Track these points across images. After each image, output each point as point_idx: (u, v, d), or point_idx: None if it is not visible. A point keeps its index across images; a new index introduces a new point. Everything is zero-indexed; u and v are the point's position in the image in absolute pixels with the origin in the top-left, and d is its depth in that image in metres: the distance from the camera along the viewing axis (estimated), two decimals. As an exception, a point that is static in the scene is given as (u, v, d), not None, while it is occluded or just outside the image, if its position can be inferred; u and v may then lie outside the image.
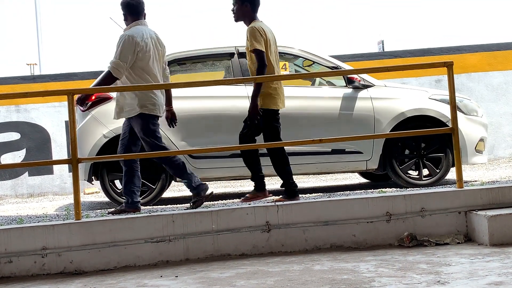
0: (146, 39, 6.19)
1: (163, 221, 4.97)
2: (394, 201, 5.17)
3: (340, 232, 5.10)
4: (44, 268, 4.80)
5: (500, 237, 4.84)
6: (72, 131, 5.23)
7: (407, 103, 7.58)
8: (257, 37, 5.97)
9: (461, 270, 4.11)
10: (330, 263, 4.55)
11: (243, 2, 6.13)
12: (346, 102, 7.54)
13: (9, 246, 4.80)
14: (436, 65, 5.86)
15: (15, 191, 11.12)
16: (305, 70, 8.02)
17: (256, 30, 6.00)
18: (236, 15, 6.21)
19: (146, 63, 6.17)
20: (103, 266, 4.86)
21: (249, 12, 6.14)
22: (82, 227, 4.91)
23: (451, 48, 12.15)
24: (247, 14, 6.15)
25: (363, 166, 7.54)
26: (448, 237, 5.08)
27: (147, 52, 6.18)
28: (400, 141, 7.52)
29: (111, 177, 7.33)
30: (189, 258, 4.95)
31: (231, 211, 5.07)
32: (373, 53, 12.64)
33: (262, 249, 5.02)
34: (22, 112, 11.24)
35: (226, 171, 7.46)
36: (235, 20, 6.26)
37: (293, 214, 5.09)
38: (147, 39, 6.21)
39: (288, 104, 7.49)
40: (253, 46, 5.96)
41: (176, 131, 7.24)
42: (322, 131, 7.29)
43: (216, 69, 8.45)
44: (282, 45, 7.85)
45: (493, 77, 12.12)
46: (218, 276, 4.33)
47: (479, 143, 7.74)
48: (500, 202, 5.19)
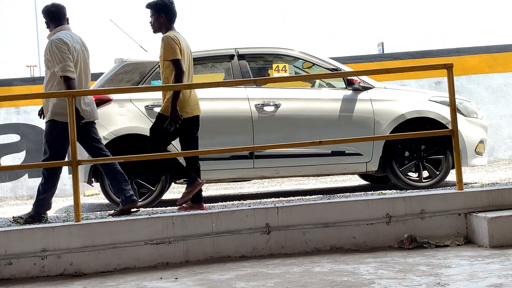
0: (74, 43, 6.21)
1: (163, 223, 4.97)
2: (394, 203, 5.17)
3: (340, 234, 5.10)
4: (44, 270, 4.79)
5: (500, 239, 4.83)
6: (72, 133, 5.23)
7: (407, 105, 7.58)
8: (172, 46, 6.13)
9: (461, 272, 4.10)
10: (330, 265, 4.55)
11: (159, 14, 6.32)
12: (346, 104, 7.54)
13: (9, 248, 4.80)
14: (436, 67, 5.86)
15: (15, 193, 11.11)
16: (305, 72, 8.02)
17: (171, 39, 6.17)
18: (153, 27, 6.40)
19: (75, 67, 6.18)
20: (103, 268, 4.85)
21: (165, 23, 6.34)
22: (82, 229, 4.91)
23: (451, 50, 12.16)
24: (164, 25, 6.34)
25: (363, 168, 7.54)
26: (448, 239, 5.08)
27: (76, 56, 6.18)
28: (400, 143, 7.52)
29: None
30: (189, 260, 4.94)
31: (231, 213, 5.07)
32: (373, 55, 12.66)
33: (262, 251, 5.02)
34: (22, 114, 11.24)
35: (226, 173, 7.46)
36: (153, 32, 6.45)
37: (293, 216, 5.09)
38: (75, 43, 6.22)
39: (288, 105, 7.52)
40: (169, 57, 6.13)
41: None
42: (322, 133, 7.29)
43: (216, 71, 8.45)
44: (282, 47, 7.87)
45: (493, 79, 12.12)
46: (218, 278, 4.33)
47: (479, 145, 7.74)
48: (500, 204, 5.19)
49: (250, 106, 7.43)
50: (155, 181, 7.32)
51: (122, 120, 7.34)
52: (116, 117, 7.35)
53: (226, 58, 7.82)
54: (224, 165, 7.38)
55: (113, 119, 7.33)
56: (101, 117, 7.34)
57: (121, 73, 7.55)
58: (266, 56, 7.98)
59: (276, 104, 7.46)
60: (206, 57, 7.86)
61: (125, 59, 7.63)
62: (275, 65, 7.93)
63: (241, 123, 7.41)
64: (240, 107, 7.43)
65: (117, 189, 6.25)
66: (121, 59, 7.72)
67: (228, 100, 7.48)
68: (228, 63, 7.81)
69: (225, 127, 7.41)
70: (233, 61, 7.73)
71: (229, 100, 7.48)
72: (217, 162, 7.35)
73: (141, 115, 7.34)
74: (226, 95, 7.49)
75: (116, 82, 7.48)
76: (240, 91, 7.51)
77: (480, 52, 12.20)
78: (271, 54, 7.92)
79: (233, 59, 7.74)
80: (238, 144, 7.10)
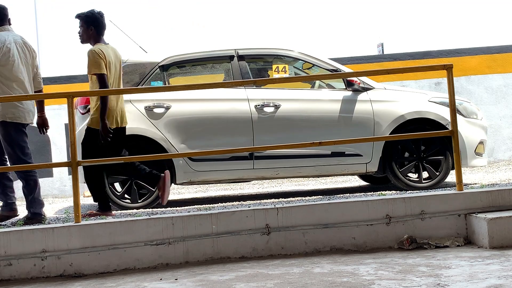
0: (8, 44, 6.11)
1: (162, 224, 4.97)
2: (394, 204, 5.17)
3: (340, 234, 5.10)
4: (44, 271, 4.79)
5: (500, 240, 4.84)
6: (72, 133, 5.22)
7: (407, 106, 7.58)
8: (96, 60, 6.22)
9: (461, 272, 4.10)
10: (330, 265, 4.55)
11: (88, 25, 6.43)
12: (345, 104, 7.54)
13: (9, 249, 4.80)
14: (435, 67, 5.86)
15: (15, 194, 11.09)
16: (304, 73, 8.02)
17: (96, 54, 6.25)
18: (82, 38, 6.51)
19: (10, 69, 6.09)
20: (103, 269, 4.85)
21: (94, 35, 6.45)
22: (82, 229, 4.91)
23: (451, 50, 12.16)
24: (93, 37, 6.45)
25: (363, 169, 7.54)
26: (448, 239, 5.08)
27: (11, 57, 6.09)
28: (400, 143, 7.52)
29: (110, 180, 7.33)
30: (189, 261, 4.94)
31: (231, 214, 5.07)
32: (373, 56, 12.65)
33: (262, 252, 5.02)
34: (21, 115, 11.22)
35: (225, 174, 7.46)
36: (81, 42, 6.54)
37: (292, 216, 5.09)
38: (10, 44, 6.12)
39: (288, 106, 7.52)
40: (92, 71, 6.23)
41: (175, 134, 7.25)
42: (321, 133, 7.29)
43: (216, 72, 8.46)
44: (282, 48, 7.87)
45: (493, 79, 12.12)
46: (218, 279, 4.33)
47: (479, 145, 7.74)
48: (500, 204, 5.19)
49: (250, 107, 7.43)
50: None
51: (122, 121, 7.33)
52: (116, 118, 7.34)
53: (225, 59, 7.82)
54: (224, 166, 7.38)
55: (113, 120, 7.32)
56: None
57: (121, 74, 7.55)
58: (266, 57, 7.98)
59: (276, 105, 7.46)
60: (206, 58, 7.86)
61: (125, 60, 7.63)
62: (275, 66, 7.93)
63: (241, 124, 7.41)
64: (240, 108, 7.44)
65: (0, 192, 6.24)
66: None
67: (228, 101, 7.49)
68: (228, 64, 7.82)
69: (225, 128, 7.41)
70: (233, 62, 7.73)
71: (229, 101, 7.49)
72: (217, 163, 7.35)
73: (141, 116, 7.34)
74: (226, 96, 7.49)
75: (116, 83, 7.48)
76: (240, 92, 7.51)
77: (480, 53, 12.20)
78: (270, 55, 7.92)
79: (232, 60, 7.74)
80: (238, 145, 7.10)
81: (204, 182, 7.55)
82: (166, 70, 7.68)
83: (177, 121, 7.35)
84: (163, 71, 7.64)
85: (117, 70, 6.48)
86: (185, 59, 7.79)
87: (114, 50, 6.50)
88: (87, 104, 7.36)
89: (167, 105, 7.39)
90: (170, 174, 6.54)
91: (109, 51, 6.39)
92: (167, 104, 7.40)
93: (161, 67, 7.62)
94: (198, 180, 7.42)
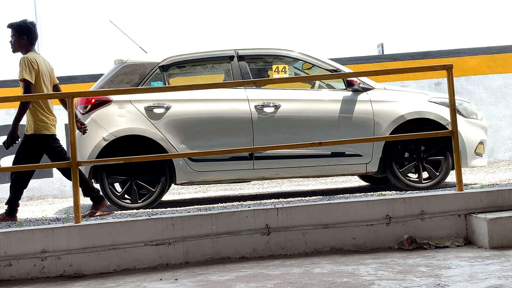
0: None
1: (162, 224, 4.97)
2: (394, 204, 5.17)
3: (340, 235, 5.10)
4: (44, 271, 4.79)
5: (500, 240, 4.84)
6: (72, 134, 5.23)
7: (407, 106, 7.57)
8: (27, 67, 6.32)
9: (461, 273, 4.10)
10: (330, 266, 4.55)
11: (20, 35, 6.54)
12: (345, 105, 7.54)
13: (9, 249, 4.80)
14: (435, 68, 5.86)
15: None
16: (304, 73, 8.02)
17: (28, 61, 6.37)
18: (14, 46, 6.60)
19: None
20: (103, 269, 4.85)
21: (26, 44, 6.57)
22: (82, 230, 4.91)
23: (451, 51, 12.15)
24: (24, 46, 6.57)
25: (363, 169, 7.54)
26: (448, 240, 5.08)
27: None
28: (400, 144, 7.52)
29: (110, 180, 7.33)
30: (189, 261, 4.94)
31: (231, 214, 5.07)
32: (373, 56, 12.65)
33: (261, 252, 5.02)
34: (22, 115, 11.21)
35: (225, 174, 7.46)
36: (13, 51, 6.63)
37: (292, 217, 5.09)
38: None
39: (288, 106, 7.52)
40: (20, 76, 6.33)
41: (175, 134, 7.25)
42: (321, 134, 7.29)
43: (216, 72, 8.45)
44: (282, 48, 7.87)
45: (493, 80, 12.12)
46: (217, 279, 4.33)
47: (479, 146, 7.74)
48: (500, 205, 5.19)
49: (250, 107, 7.43)
50: (155, 182, 7.31)
51: (121, 121, 7.34)
52: (116, 118, 7.36)
53: (225, 59, 7.82)
54: (224, 166, 7.38)
55: (113, 120, 7.34)
56: (101, 118, 7.36)
57: (121, 74, 7.55)
58: (266, 57, 7.98)
59: (276, 105, 7.46)
60: (205, 58, 7.86)
61: (125, 60, 7.63)
62: (275, 66, 7.93)
63: (241, 124, 7.41)
64: (240, 108, 7.43)
65: None
66: (120, 60, 7.73)
67: (228, 101, 7.48)
68: (228, 64, 7.81)
69: (225, 128, 7.41)
70: (232, 62, 7.73)
71: (229, 101, 7.48)
72: (217, 163, 7.35)
73: (141, 116, 7.34)
74: (226, 96, 7.49)
75: (116, 83, 7.49)
76: (240, 92, 7.51)
77: (480, 53, 12.19)
78: (270, 55, 7.91)
79: (232, 60, 7.74)
80: (238, 145, 7.10)
81: (204, 182, 7.55)
82: (166, 70, 7.68)
83: (177, 121, 7.35)
84: (163, 71, 7.64)
85: (50, 79, 6.62)
86: (185, 59, 7.78)
87: (44, 60, 6.63)
88: (87, 104, 7.38)
89: (167, 106, 7.39)
90: (170, 174, 6.53)
91: (41, 60, 6.53)
92: (167, 104, 7.40)
93: (161, 67, 7.62)
94: (198, 181, 7.42)
